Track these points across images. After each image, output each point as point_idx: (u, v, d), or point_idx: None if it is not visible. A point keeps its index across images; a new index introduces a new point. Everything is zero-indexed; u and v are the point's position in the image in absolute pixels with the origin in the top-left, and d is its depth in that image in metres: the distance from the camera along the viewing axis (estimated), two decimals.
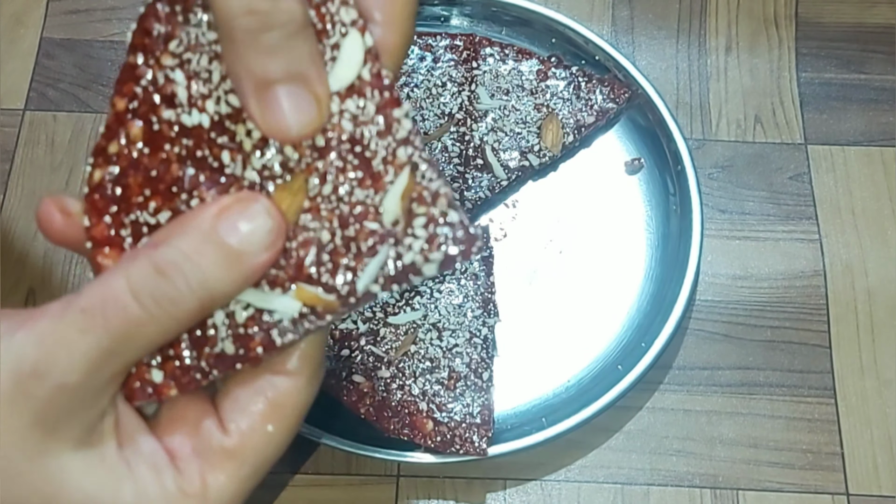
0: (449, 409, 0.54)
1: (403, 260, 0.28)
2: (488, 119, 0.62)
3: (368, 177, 0.29)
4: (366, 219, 0.28)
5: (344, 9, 0.29)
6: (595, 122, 0.62)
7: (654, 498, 0.55)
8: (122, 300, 0.27)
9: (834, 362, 0.59)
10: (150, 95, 0.30)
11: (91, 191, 0.30)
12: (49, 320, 0.28)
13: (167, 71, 0.30)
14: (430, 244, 0.28)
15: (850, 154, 0.65)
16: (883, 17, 0.70)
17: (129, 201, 0.30)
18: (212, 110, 0.30)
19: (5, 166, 0.64)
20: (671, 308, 0.57)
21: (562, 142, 0.62)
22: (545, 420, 0.54)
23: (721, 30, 0.70)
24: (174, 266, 0.28)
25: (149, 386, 0.30)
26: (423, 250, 0.28)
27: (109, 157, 0.30)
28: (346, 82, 0.29)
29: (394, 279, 0.28)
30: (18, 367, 0.27)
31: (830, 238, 0.62)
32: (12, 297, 0.60)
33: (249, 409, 0.30)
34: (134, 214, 0.30)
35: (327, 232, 0.29)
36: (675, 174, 0.61)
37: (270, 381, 0.30)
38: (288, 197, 0.29)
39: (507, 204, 0.62)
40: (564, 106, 0.63)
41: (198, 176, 0.30)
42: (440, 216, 0.28)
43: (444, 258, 0.27)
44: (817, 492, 0.55)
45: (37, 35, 0.69)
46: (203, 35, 0.30)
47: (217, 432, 0.30)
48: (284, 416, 0.31)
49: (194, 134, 0.30)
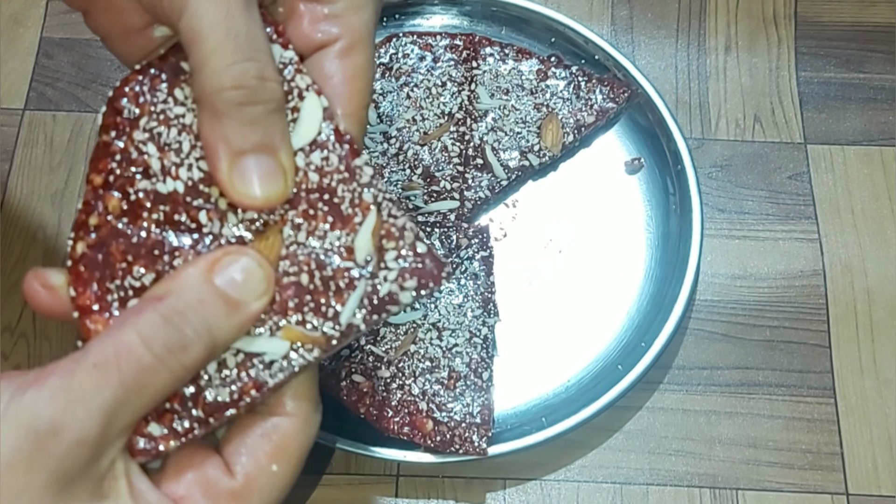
0: (449, 408, 0.54)
1: (380, 292, 0.31)
2: (488, 119, 0.62)
3: (339, 220, 0.31)
4: (341, 259, 0.31)
5: (299, 76, 0.32)
6: (595, 122, 0.62)
7: (654, 498, 0.55)
8: (135, 352, 0.29)
9: (833, 362, 0.59)
10: (125, 169, 0.32)
11: (74, 263, 0.32)
12: (59, 377, 0.28)
13: (139, 145, 0.32)
14: (402, 274, 0.31)
15: (849, 153, 0.65)
16: (882, 16, 0.70)
17: (113, 268, 0.32)
18: (185, 177, 0.32)
19: (5, 166, 0.64)
20: (671, 308, 0.57)
21: (562, 141, 0.62)
22: (545, 420, 0.54)
23: (720, 29, 0.70)
24: (181, 315, 0.29)
25: (149, 440, 0.31)
26: (397, 280, 0.31)
27: (89, 229, 0.32)
28: (308, 139, 0.32)
29: (374, 310, 0.31)
30: (34, 425, 0.28)
31: (830, 238, 0.62)
32: (12, 297, 0.60)
33: (253, 451, 0.32)
34: (118, 280, 0.32)
35: (306, 275, 0.31)
36: (674, 174, 0.61)
37: (272, 423, 0.32)
38: (265, 248, 0.32)
39: (507, 204, 0.62)
40: (564, 106, 0.63)
41: (178, 237, 0.32)
42: (409, 248, 0.31)
43: (417, 285, 0.30)
44: (817, 492, 0.55)
45: (36, 35, 0.69)
46: (171, 110, 0.32)
47: (223, 476, 0.31)
48: (288, 456, 0.32)
49: (171, 199, 0.32)
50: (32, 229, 0.62)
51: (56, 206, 0.63)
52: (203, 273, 0.30)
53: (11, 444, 0.28)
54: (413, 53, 0.64)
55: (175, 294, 0.30)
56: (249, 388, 0.31)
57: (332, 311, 0.31)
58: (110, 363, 0.29)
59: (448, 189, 0.60)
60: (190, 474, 0.32)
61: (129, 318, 0.30)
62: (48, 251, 0.62)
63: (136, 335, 0.29)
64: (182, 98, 0.32)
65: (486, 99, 0.63)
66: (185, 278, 0.31)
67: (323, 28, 0.34)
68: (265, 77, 0.30)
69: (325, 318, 0.31)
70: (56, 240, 0.62)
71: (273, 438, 0.32)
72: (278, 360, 0.31)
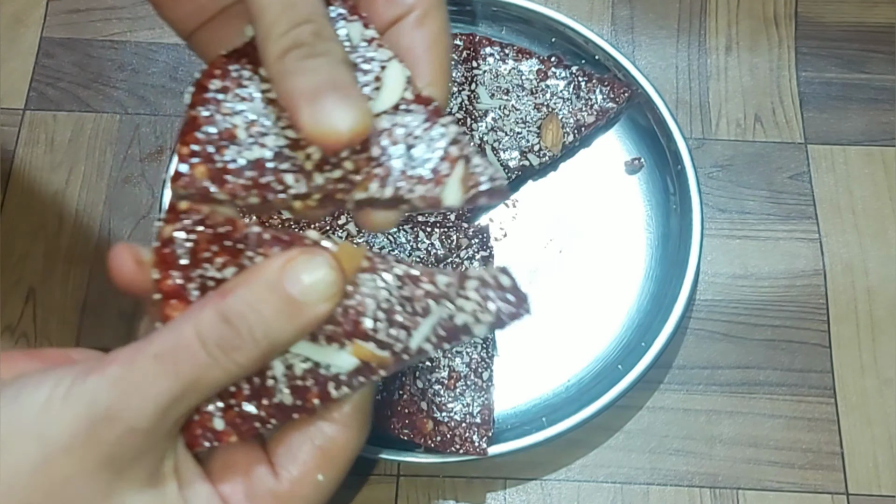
0: (449, 408, 0.54)
1: (456, 320, 0.31)
2: (488, 119, 0.62)
3: (426, 175, 0.32)
4: (421, 280, 0.31)
5: (381, 50, 0.33)
6: (595, 122, 0.62)
7: (654, 497, 0.55)
8: (191, 347, 0.29)
9: (834, 361, 0.59)
10: (213, 139, 0.33)
11: (162, 245, 0.32)
12: (120, 366, 0.29)
13: (226, 117, 0.33)
14: (481, 306, 0.31)
15: (850, 153, 0.65)
16: (884, 16, 0.70)
17: (197, 256, 0.32)
18: (271, 144, 0.32)
19: (5, 166, 0.64)
20: (671, 307, 0.57)
21: (562, 141, 0.62)
22: (545, 420, 0.54)
23: (721, 29, 0.70)
24: (239, 315, 0.29)
25: (210, 433, 0.31)
26: (474, 311, 0.31)
27: (179, 214, 0.32)
28: (391, 103, 0.32)
29: (446, 338, 0.31)
30: (92, 412, 0.28)
31: (830, 237, 0.62)
32: (13, 296, 0.60)
33: (302, 457, 0.32)
34: (201, 269, 0.32)
35: (384, 290, 0.31)
36: (674, 174, 0.61)
37: (322, 431, 0.32)
38: (348, 256, 0.31)
39: (507, 204, 0.62)
40: (564, 105, 0.62)
41: (262, 234, 0.32)
42: (492, 279, 0.31)
43: (494, 319, 0.30)
44: (817, 491, 0.55)
45: (37, 34, 0.69)
46: (257, 86, 0.33)
47: (269, 478, 0.32)
48: (334, 466, 0.32)
49: (258, 166, 0.32)
50: (33, 228, 0.62)
51: (56, 205, 0.63)
52: (273, 272, 0.30)
53: (69, 428, 0.28)
54: None
55: (238, 292, 0.30)
56: (313, 397, 0.31)
57: (403, 333, 0.31)
58: (168, 356, 0.29)
59: None
60: (236, 474, 0.32)
61: (192, 313, 0.30)
62: (49, 251, 0.62)
63: (193, 331, 0.29)
64: (267, 75, 0.33)
65: (486, 99, 0.63)
66: (253, 276, 0.30)
67: (396, 1, 0.34)
68: (321, 35, 0.30)
69: (395, 338, 0.31)
70: (56, 239, 0.62)
71: (322, 447, 0.32)
72: (343, 373, 0.31)
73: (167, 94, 0.67)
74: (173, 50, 0.68)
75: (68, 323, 0.60)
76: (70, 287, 0.61)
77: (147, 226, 0.63)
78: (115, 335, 0.59)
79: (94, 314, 0.60)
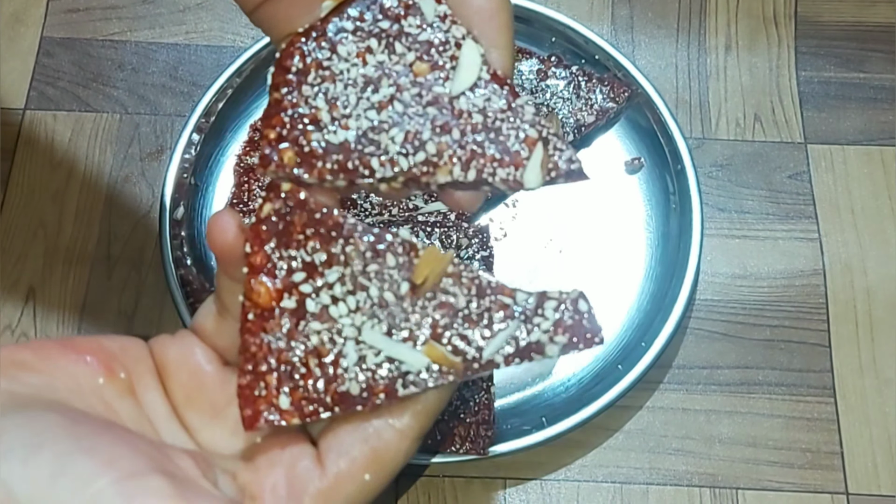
0: (450, 407, 0.54)
1: (530, 337, 0.31)
2: None
3: (507, 157, 0.32)
4: (502, 293, 0.32)
5: (455, 27, 0.34)
6: (595, 122, 0.62)
7: (654, 497, 0.56)
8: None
9: (833, 361, 0.59)
10: (297, 122, 0.33)
11: (258, 221, 0.33)
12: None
13: (308, 99, 0.33)
14: (556, 327, 0.31)
15: (849, 153, 0.65)
16: (882, 16, 0.70)
17: (291, 237, 0.33)
18: (354, 126, 0.33)
19: (5, 165, 0.64)
20: (671, 307, 0.57)
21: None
22: (545, 420, 0.54)
23: (720, 29, 0.70)
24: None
25: (275, 410, 0.31)
26: (549, 332, 0.31)
27: (279, 193, 0.33)
28: (469, 83, 0.33)
29: (517, 354, 0.31)
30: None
31: (830, 237, 0.63)
32: (12, 296, 0.60)
33: (351, 453, 0.31)
34: (292, 251, 0.32)
35: (464, 298, 0.32)
36: (674, 173, 0.61)
37: (377, 430, 0.31)
38: (434, 260, 0.32)
39: (507, 204, 0.62)
40: (564, 105, 0.63)
41: (357, 226, 0.33)
42: (571, 304, 0.32)
43: (567, 342, 0.31)
44: (817, 491, 0.56)
45: (37, 34, 0.69)
46: (335, 66, 0.34)
47: (314, 469, 0.31)
48: (383, 468, 0.31)
49: (343, 149, 0.33)
50: (33, 228, 0.62)
51: (56, 205, 0.63)
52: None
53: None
54: None
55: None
56: (380, 391, 0.31)
57: (478, 343, 0.31)
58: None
59: None
60: (280, 467, 0.31)
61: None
62: (49, 250, 0.62)
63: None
64: (345, 54, 0.34)
65: None
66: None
67: None
68: None
69: (469, 345, 0.31)
70: (56, 238, 0.62)
71: (376, 447, 0.31)
72: (413, 373, 0.31)
73: (167, 93, 0.67)
74: (173, 49, 0.68)
75: (68, 323, 0.60)
76: (70, 287, 0.61)
77: (147, 225, 0.63)
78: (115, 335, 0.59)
79: (94, 314, 0.60)
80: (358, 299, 0.32)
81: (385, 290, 0.32)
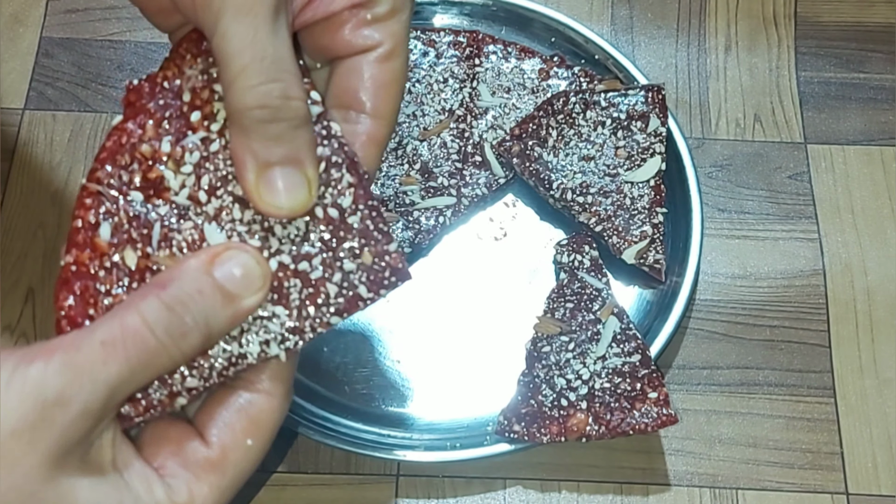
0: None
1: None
2: (488, 116, 0.62)
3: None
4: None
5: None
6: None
7: (653, 497, 0.55)
8: (140, 334, 0.30)
9: (833, 361, 0.59)
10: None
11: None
12: (66, 353, 0.30)
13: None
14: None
15: (849, 153, 0.65)
16: (882, 16, 0.70)
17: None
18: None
19: (5, 165, 0.64)
20: (671, 307, 0.57)
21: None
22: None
23: (720, 29, 0.70)
24: (182, 304, 0.31)
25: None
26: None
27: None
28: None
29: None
30: (42, 395, 0.29)
31: (830, 237, 0.63)
32: (12, 296, 0.60)
33: (230, 424, 0.34)
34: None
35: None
36: (674, 173, 0.61)
37: (247, 399, 0.34)
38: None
39: (507, 203, 0.62)
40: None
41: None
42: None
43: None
44: (817, 491, 0.55)
45: (36, 34, 0.69)
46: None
47: (201, 447, 0.33)
48: (262, 432, 0.34)
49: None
50: (32, 228, 0.62)
51: (56, 205, 0.63)
52: (203, 265, 0.32)
53: (16, 412, 0.29)
54: (416, 49, 0.64)
55: (177, 283, 0.32)
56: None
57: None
58: (117, 342, 0.30)
59: (445, 185, 0.60)
60: (167, 445, 0.33)
61: (133, 302, 0.31)
62: (48, 250, 0.62)
63: (140, 319, 0.31)
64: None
65: (486, 97, 0.63)
66: (186, 269, 0.32)
67: (365, 34, 0.35)
68: (290, 96, 0.32)
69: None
70: (56, 239, 0.62)
71: (249, 414, 0.34)
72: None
73: None
74: None
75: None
76: None
77: None
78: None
79: None
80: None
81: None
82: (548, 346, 0.55)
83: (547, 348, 0.55)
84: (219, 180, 0.34)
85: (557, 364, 0.54)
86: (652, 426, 0.52)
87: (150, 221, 0.34)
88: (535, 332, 0.56)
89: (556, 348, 0.55)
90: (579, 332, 0.55)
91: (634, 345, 0.54)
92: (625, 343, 0.55)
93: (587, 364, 0.54)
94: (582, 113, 0.60)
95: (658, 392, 0.53)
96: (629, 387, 0.53)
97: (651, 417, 0.52)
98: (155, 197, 0.34)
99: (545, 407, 0.53)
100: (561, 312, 0.56)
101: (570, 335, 0.55)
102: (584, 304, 0.56)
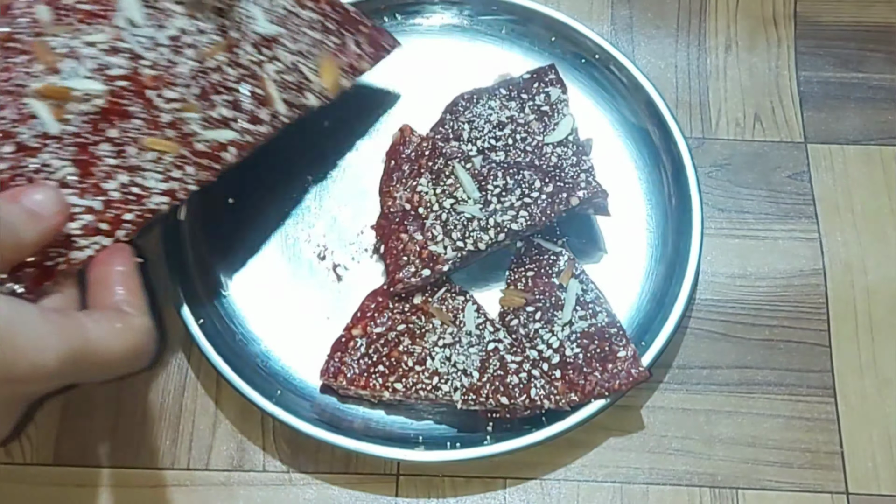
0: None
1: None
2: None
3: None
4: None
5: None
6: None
7: (653, 497, 0.55)
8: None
9: (833, 361, 0.59)
10: None
11: None
12: None
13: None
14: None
15: (849, 153, 0.65)
16: (881, 16, 0.70)
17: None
18: None
19: None
20: (671, 307, 0.57)
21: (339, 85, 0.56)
22: (545, 419, 0.54)
23: (720, 29, 0.70)
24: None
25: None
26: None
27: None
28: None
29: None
30: None
31: (830, 237, 0.63)
32: None
33: (106, 307, 0.45)
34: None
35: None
36: (674, 173, 0.61)
37: (118, 303, 0.45)
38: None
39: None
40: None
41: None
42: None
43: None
44: (817, 491, 0.55)
45: None
46: None
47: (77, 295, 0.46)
48: (129, 329, 0.44)
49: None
50: None
51: None
52: (8, 196, 0.43)
53: None
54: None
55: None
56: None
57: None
58: None
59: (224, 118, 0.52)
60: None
61: None
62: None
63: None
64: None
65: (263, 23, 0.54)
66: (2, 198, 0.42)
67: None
68: None
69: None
70: None
71: (121, 314, 0.44)
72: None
73: None
74: None
75: None
76: None
77: (147, 225, 0.62)
78: None
79: None
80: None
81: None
82: (515, 319, 0.56)
83: (515, 321, 0.56)
84: None
85: (527, 336, 0.55)
86: (625, 384, 0.53)
87: None
88: (502, 307, 0.57)
89: (523, 320, 0.56)
90: (543, 300, 0.56)
91: (598, 306, 0.55)
92: (588, 305, 0.56)
93: (555, 332, 0.55)
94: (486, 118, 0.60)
95: (626, 349, 0.54)
96: (598, 349, 0.54)
97: (623, 376, 0.53)
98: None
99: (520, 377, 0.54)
100: (523, 283, 0.57)
101: (535, 304, 0.56)
102: (543, 270, 0.57)
